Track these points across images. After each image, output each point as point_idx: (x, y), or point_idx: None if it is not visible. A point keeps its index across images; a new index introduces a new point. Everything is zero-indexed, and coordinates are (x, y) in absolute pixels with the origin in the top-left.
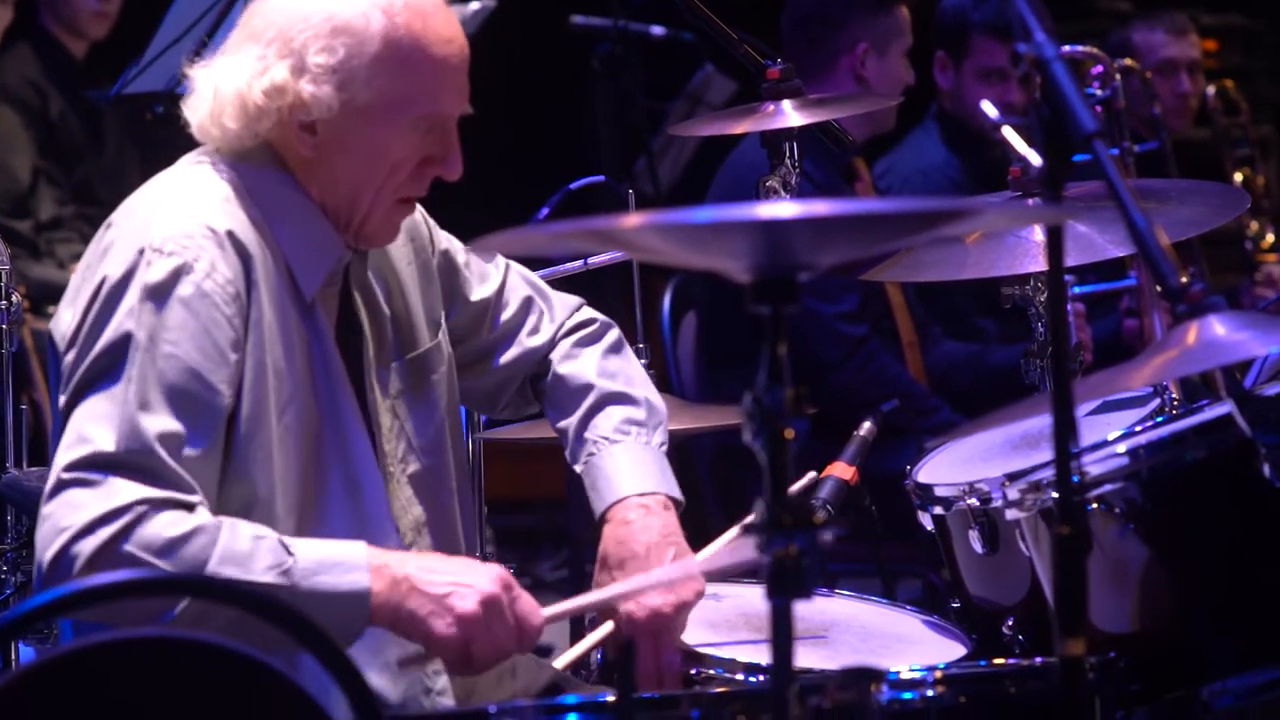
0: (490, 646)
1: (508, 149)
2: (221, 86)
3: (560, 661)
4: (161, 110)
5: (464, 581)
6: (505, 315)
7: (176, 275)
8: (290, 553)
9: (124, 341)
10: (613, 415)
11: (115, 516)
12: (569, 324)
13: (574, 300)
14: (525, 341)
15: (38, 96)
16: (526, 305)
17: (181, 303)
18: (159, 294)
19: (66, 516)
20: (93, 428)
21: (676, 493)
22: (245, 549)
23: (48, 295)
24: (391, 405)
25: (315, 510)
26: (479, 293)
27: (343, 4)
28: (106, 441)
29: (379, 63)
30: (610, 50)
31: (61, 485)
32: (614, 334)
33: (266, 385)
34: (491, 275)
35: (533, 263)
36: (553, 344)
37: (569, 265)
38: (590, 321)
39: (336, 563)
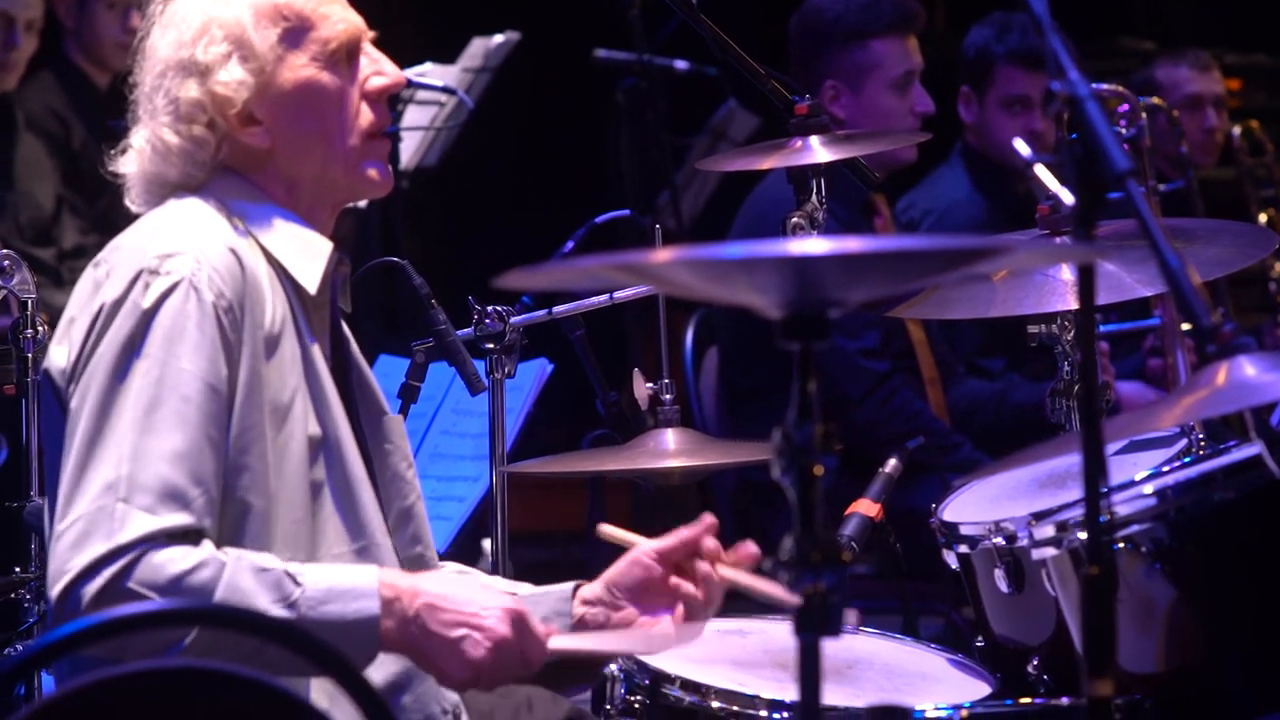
0: (497, 681)
1: (531, 182)
2: (145, 154)
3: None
4: None
5: (477, 624)
6: None
7: (172, 292)
8: (298, 583)
9: (125, 364)
10: None
11: (118, 556)
12: None
13: None
14: None
15: (61, 126)
16: None
17: (181, 319)
18: (158, 313)
19: (71, 557)
20: (98, 456)
21: None
22: (248, 585)
23: None
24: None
25: (314, 519)
26: None
27: (196, 5)
28: (110, 470)
29: (257, 20)
30: (634, 84)
31: (72, 517)
32: None
33: (262, 396)
34: None
35: (559, 297)
36: None
37: (595, 299)
38: None
39: (345, 590)
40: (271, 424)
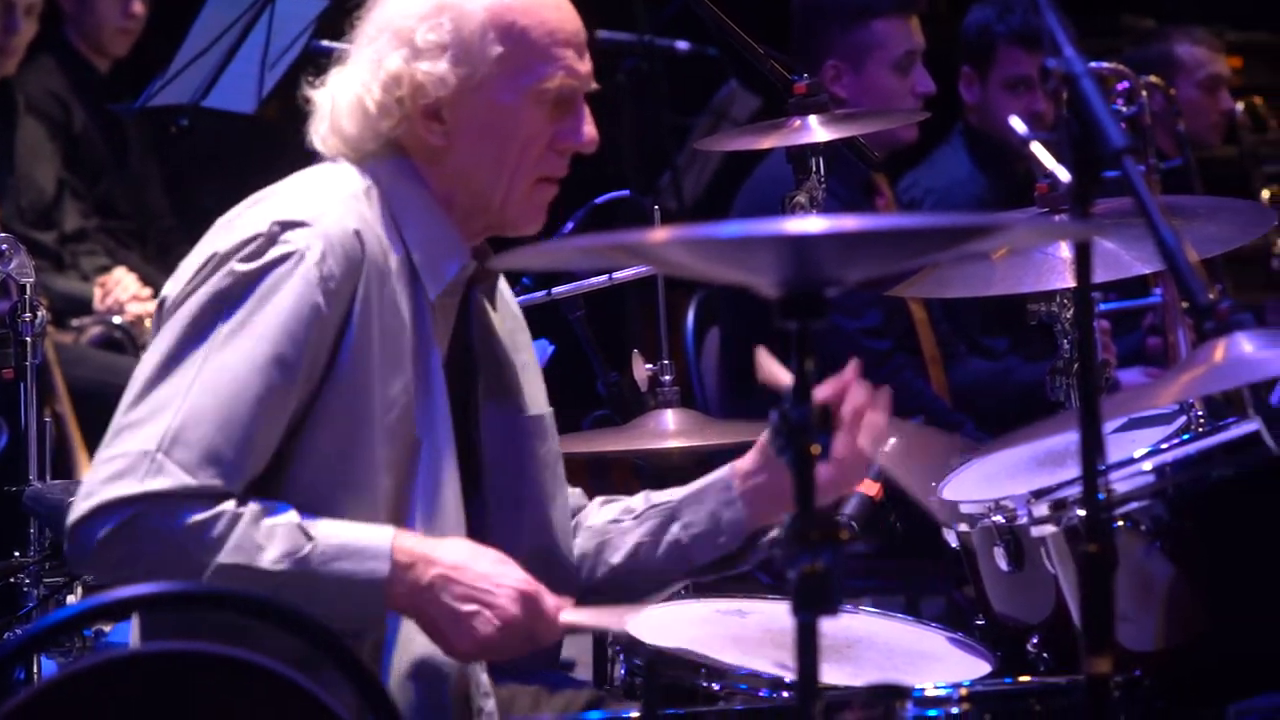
0: (502, 657)
1: None
2: (338, 96)
3: None
4: (186, 123)
5: (488, 600)
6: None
7: (281, 263)
8: (310, 536)
9: (211, 319)
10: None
11: (141, 501)
12: None
13: None
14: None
15: (61, 109)
16: None
17: (279, 291)
18: (259, 280)
19: (101, 489)
20: (156, 399)
21: None
22: (259, 538)
23: (71, 308)
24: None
25: (392, 516)
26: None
27: None
28: (164, 418)
29: (487, 30)
30: (635, 65)
31: (116, 451)
32: None
33: (370, 383)
34: None
35: (557, 277)
36: None
37: (594, 280)
38: None
39: (358, 548)
40: (378, 408)
